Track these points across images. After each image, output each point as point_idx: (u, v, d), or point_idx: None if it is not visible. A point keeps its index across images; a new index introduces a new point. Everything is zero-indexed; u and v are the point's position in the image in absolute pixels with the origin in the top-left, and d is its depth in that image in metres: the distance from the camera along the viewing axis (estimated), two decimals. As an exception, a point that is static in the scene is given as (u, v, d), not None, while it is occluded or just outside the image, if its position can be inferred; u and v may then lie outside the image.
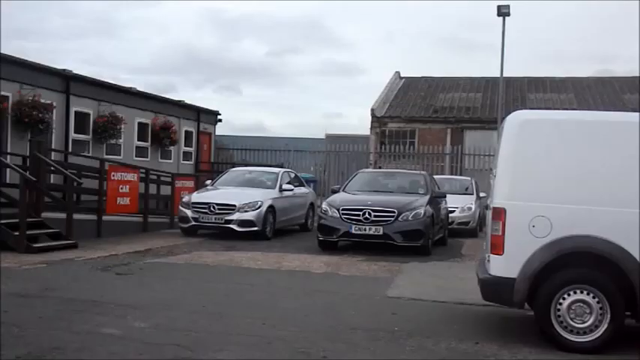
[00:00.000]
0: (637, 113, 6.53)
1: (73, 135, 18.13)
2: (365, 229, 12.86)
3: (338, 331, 6.70)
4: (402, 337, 6.51)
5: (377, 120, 29.56)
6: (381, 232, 12.80)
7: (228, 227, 14.89)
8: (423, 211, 13.04)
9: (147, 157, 21.51)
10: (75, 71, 18.24)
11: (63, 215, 13.18)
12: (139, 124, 21.35)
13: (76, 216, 13.52)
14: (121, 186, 15.20)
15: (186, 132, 24.47)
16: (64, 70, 17.96)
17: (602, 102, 29.05)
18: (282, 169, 18.34)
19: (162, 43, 74.55)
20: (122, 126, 19.51)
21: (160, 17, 72.95)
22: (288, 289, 9.09)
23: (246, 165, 22.26)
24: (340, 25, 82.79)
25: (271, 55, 78.58)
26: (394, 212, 12.88)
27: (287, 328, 6.73)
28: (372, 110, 29.79)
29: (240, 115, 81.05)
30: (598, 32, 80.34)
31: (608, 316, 6.16)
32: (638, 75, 33.79)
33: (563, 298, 6.25)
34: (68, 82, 17.86)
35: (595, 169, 6.30)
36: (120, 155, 19.86)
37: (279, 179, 16.59)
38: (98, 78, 19.48)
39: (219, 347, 5.96)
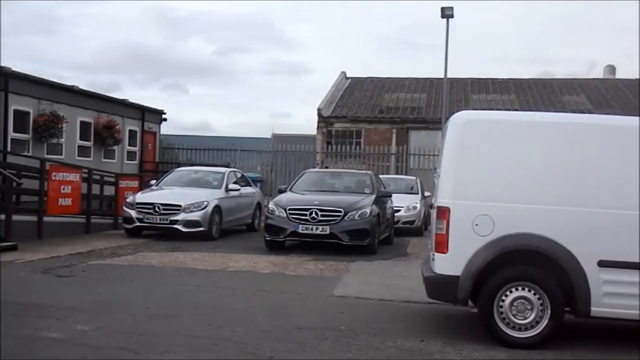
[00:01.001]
0: (576, 114, 6.71)
1: (12, 134, 17.61)
2: (312, 229, 12.88)
3: (285, 331, 6.70)
4: (349, 336, 6.55)
5: (323, 120, 29.63)
6: (327, 232, 12.84)
7: (174, 228, 14.72)
8: (369, 211, 13.14)
9: (89, 157, 21.07)
10: (14, 68, 17.75)
11: (2, 216, 12.82)
12: (82, 123, 20.89)
13: (15, 217, 13.16)
14: (62, 186, 14.86)
15: (130, 131, 24.07)
16: (2, 67, 17.45)
17: (542, 103, 29.75)
18: (229, 169, 18.22)
19: (107, 40, 73.31)
20: (64, 125, 19.05)
21: (105, 14, 71.77)
22: (234, 290, 9.04)
23: (191, 165, 22.05)
24: (288, 24, 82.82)
25: (218, 53, 78.10)
26: (341, 212, 12.95)
27: (234, 329, 6.70)
28: (319, 110, 29.86)
29: (186, 115, 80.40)
30: (539, 35, 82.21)
31: (549, 312, 6.31)
32: (576, 77, 34.77)
33: (506, 295, 6.38)
34: (6, 79, 17.34)
35: (535, 168, 6.46)
36: (61, 155, 19.39)
37: (225, 179, 16.48)
38: (38, 76, 19.01)
39: (164, 349, 5.89)
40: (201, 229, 14.77)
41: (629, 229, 6.25)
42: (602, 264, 6.23)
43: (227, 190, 16.15)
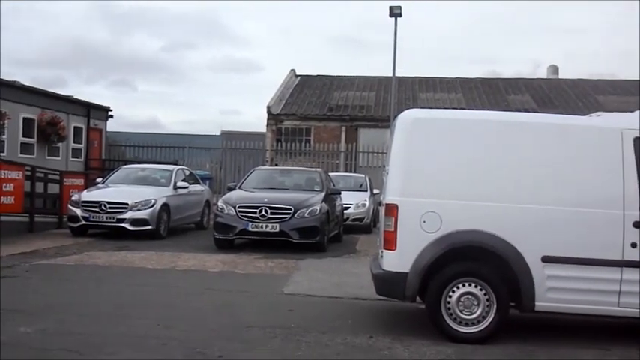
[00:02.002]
0: (520, 113, 6.85)
1: (-50, 131, 17.11)
2: (261, 227, 12.85)
3: (234, 330, 6.67)
4: (299, 334, 6.56)
5: (273, 117, 29.56)
6: (277, 230, 12.83)
7: (121, 226, 14.50)
8: (318, 208, 13.18)
9: (33, 155, 20.58)
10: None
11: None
12: (24, 119, 20.38)
13: (-45, 217, 12.77)
14: (4, 184, 14.45)
15: (75, 128, 23.58)
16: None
17: (488, 102, 30.25)
18: (177, 167, 18.03)
19: (51, 35, 71.61)
20: (5, 122, 18.57)
21: (47, 9, 70.15)
22: (183, 289, 8.96)
23: (139, 162, 21.73)
24: (238, 21, 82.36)
25: (166, 50, 77.13)
26: (290, 209, 12.95)
27: (182, 328, 6.63)
28: (268, 108, 29.77)
29: (133, 112, 79.28)
30: (486, 35, 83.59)
31: (495, 307, 6.43)
32: (522, 77, 35.48)
33: (453, 291, 6.47)
34: (-56, 75, 16.82)
35: (482, 166, 6.57)
36: (3, 152, 18.88)
37: (173, 177, 16.31)
38: (-23, 71, 18.50)
39: (111, 350, 5.80)
40: (149, 227, 14.59)
41: (571, 226, 6.42)
42: (546, 259, 6.38)
43: (175, 188, 15.99)
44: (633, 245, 6.34)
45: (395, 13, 22.43)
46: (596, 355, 6.22)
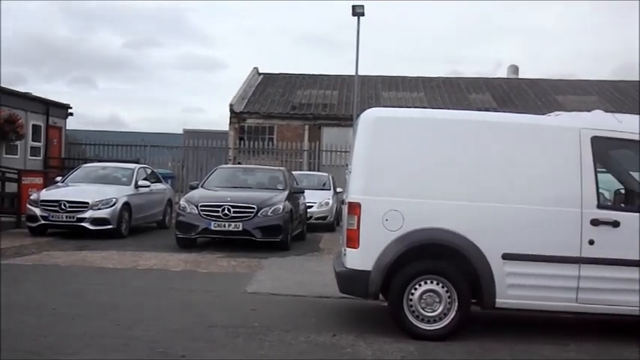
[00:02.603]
0: (481, 112, 6.93)
1: None
2: (224, 226, 12.80)
3: (197, 329, 6.63)
4: (262, 333, 6.55)
5: (235, 116, 29.42)
6: (240, 228, 12.79)
7: (81, 226, 14.29)
8: (282, 207, 13.17)
9: (-10, 153, 20.20)
10: None
11: None
12: (-19, 117, 19.98)
13: None
14: (-40, 183, 14.17)
15: (34, 126, 23.15)
16: None
17: (450, 101, 30.54)
18: (138, 165, 17.84)
19: (9, 32, 70.25)
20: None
21: (7, 5, 68.80)
22: (145, 289, 8.88)
23: (99, 161, 21.43)
24: (203, 19, 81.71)
25: (129, 47, 76.22)
26: (253, 208, 12.92)
27: (144, 328, 6.57)
28: (231, 106, 29.62)
29: (94, 109, 78.17)
30: (449, 35, 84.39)
31: (456, 304, 6.50)
32: (483, 77, 35.90)
33: (415, 289, 6.53)
34: None
35: (443, 164, 6.63)
36: (-41, 150, 18.50)
37: (134, 175, 16.13)
38: None
39: (72, 351, 5.72)
40: (110, 226, 14.41)
41: (531, 223, 6.53)
42: (506, 257, 6.46)
43: (136, 186, 15.83)
44: (591, 242, 6.47)
45: (357, 12, 22.52)
46: (554, 351, 6.32)
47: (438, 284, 6.52)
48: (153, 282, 9.41)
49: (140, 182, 16.07)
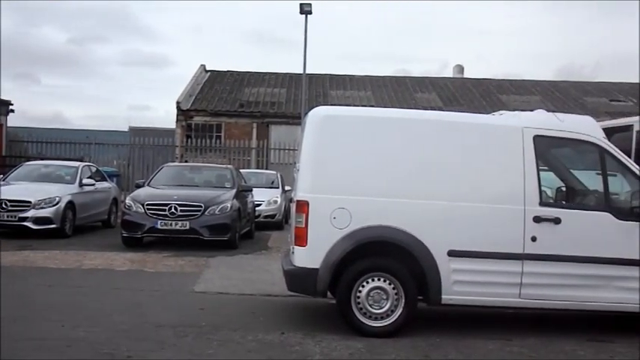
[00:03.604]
0: (427, 111, 7.02)
1: None
2: (171, 224, 12.67)
3: (143, 330, 6.55)
4: (210, 332, 6.50)
5: (182, 113, 29.15)
6: (187, 227, 12.68)
7: (23, 225, 13.93)
8: (229, 205, 13.10)
9: None
10: None
11: None
12: None
13: None
14: None
15: (-27, 123, 22.55)
16: None
17: (397, 100, 30.86)
18: (83, 163, 17.51)
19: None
20: None
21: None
22: (89, 289, 8.72)
23: (42, 159, 20.95)
24: (148, 15, 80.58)
25: (73, 43, 74.61)
26: (201, 206, 12.82)
27: (89, 329, 6.46)
28: (178, 103, 29.33)
29: (37, 106, 76.28)
30: (398, 34, 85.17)
31: (403, 301, 6.57)
32: (429, 76, 36.36)
33: (363, 286, 6.57)
34: None
35: (390, 163, 6.69)
36: None
37: (78, 174, 15.81)
38: None
39: (12, 353, 5.58)
40: (53, 226, 14.10)
41: (476, 220, 6.64)
42: (452, 254, 6.56)
43: (81, 185, 15.52)
44: (533, 239, 6.62)
45: (305, 10, 22.56)
46: (498, 345, 6.45)
47: (385, 281, 6.58)
48: (98, 282, 9.25)
49: (84, 181, 15.76)
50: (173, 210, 12.68)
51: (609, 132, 11.66)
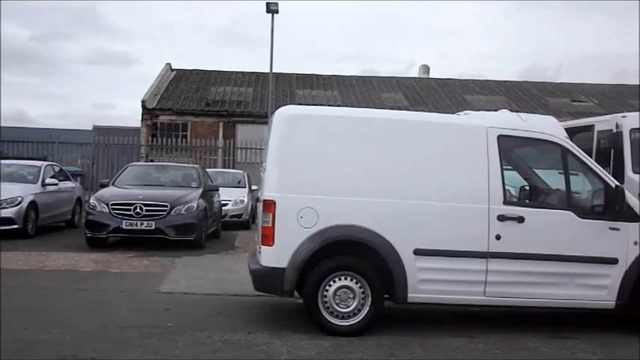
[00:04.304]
0: (393, 111, 7.06)
1: None
2: (136, 224, 12.55)
3: (108, 331, 6.48)
4: (176, 333, 6.46)
5: (148, 112, 28.87)
6: (153, 227, 12.58)
7: (-16, 226, 13.69)
8: (195, 205, 13.02)
9: None
10: None
11: None
12: None
13: None
14: None
15: None
16: None
17: (363, 99, 30.97)
18: (45, 162, 17.22)
19: None
20: None
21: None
22: (53, 290, 8.59)
23: (4, 158, 20.57)
24: (114, 12, 79.69)
25: (36, 40, 73.34)
26: (166, 206, 12.72)
27: (52, 331, 6.37)
28: (143, 102, 29.05)
29: (-2, 104, 74.80)
30: (363, 34, 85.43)
31: (370, 300, 6.61)
32: (395, 76, 36.56)
33: (329, 285, 6.59)
34: None
35: (356, 162, 6.71)
36: None
37: (41, 173, 15.56)
38: None
39: (-27, 357, 5.48)
40: (15, 226, 13.85)
41: (441, 219, 6.70)
42: (418, 252, 6.61)
43: (44, 184, 15.28)
44: (497, 237, 6.70)
45: (272, 9, 22.52)
46: (463, 343, 6.52)
47: (351, 280, 6.60)
48: (61, 283, 9.13)
49: (47, 180, 15.54)
50: (138, 210, 12.56)
51: (571, 132, 11.90)
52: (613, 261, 6.85)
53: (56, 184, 15.83)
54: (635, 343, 6.63)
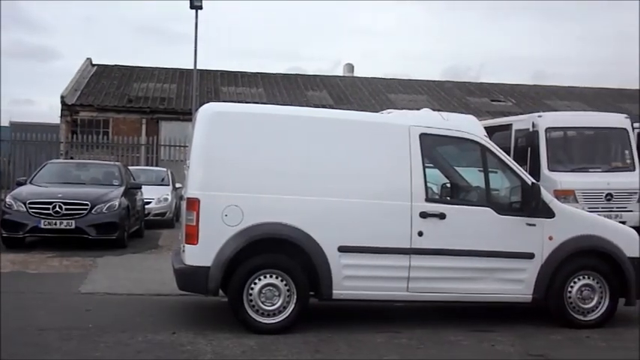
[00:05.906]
0: (317, 109, 7.11)
1: None
2: (55, 224, 12.21)
3: (26, 334, 6.29)
4: (97, 334, 6.33)
5: (67, 108, 28.07)
6: (73, 226, 12.26)
7: None
8: (117, 203, 12.77)
9: None
10: None
11: None
12: None
13: None
14: None
15: None
16: None
17: (288, 97, 31.00)
18: (-42, 160, 16.58)
19: None
20: None
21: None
22: (-34, 293, 8.27)
23: None
24: (32, 3, 77.08)
25: (-57, 32, 70.13)
26: (87, 205, 12.42)
27: (-35, 336, 6.14)
28: (62, 98, 28.23)
29: None
30: (288, 32, 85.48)
31: (295, 297, 6.63)
32: (320, 74, 36.76)
33: (255, 283, 6.58)
34: None
35: (281, 160, 6.73)
36: None
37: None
38: None
39: None
40: None
41: (365, 216, 6.79)
42: (342, 249, 6.68)
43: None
44: (420, 234, 6.84)
45: (195, 5, 22.30)
46: (387, 338, 6.62)
47: (277, 278, 6.61)
48: (-25, 285, 8.79)
49: (-40, 178, 14.94)
50: (57, 209, 12.22)
51: (490, 131, 12.29)
52: (530, 256, 7.10)
53: (-31, 183, 15.24)
54: (548, 334, 6.91)
